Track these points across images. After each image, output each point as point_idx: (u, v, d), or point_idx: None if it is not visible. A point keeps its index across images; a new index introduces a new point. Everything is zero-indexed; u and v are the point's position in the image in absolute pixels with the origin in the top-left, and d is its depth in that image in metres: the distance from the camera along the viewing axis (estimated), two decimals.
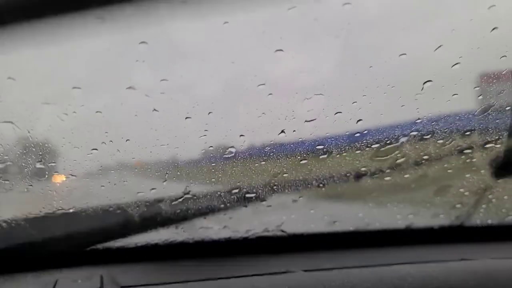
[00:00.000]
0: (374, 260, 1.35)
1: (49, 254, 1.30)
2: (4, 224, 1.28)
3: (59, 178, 1.38)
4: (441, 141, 1.58)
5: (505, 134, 1.54)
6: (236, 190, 1.53)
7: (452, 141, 1.58)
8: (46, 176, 1.35)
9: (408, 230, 1.58)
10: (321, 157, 1.56)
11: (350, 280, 1.19)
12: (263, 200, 1.52)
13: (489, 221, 1.62)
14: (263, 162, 1.55)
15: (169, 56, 1.33)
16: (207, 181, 1.52)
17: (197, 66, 1.35)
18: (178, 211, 1.40)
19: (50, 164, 1.34)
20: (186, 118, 1.35)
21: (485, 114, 1.50)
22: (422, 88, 1.44)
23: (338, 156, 1.57)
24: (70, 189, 1.39)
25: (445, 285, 1.18)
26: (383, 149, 1.56)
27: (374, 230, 1.55)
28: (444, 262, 1.33)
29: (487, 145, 1.57)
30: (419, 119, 1.51)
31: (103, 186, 1.41)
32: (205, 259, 1.37)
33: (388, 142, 1.55)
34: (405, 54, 1.36)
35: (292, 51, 1.35)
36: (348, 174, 1.60)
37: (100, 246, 1.33)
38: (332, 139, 1.54)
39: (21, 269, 1.24)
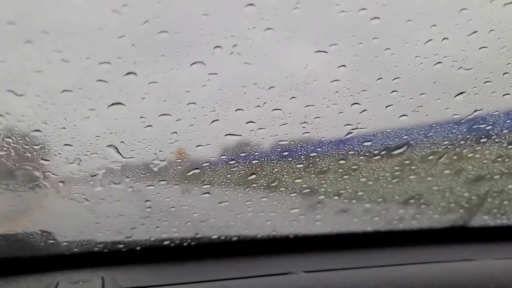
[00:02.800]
0: (375, 261, 1.34)
1: (50, 256, 1.31)
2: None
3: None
4: (445, 143, 1.59)
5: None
6: (238, 192, 1.53)
7: (457, 144, 1.59)
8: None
9: (410, 230, 1.57)
10: (321, 160, 1.56)
11: (351, 281, 1.18)
12: (264, 201, 1.53)
13: (491, 222, 1.62)
14: (265, 164, 1.56)
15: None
16: (209, 183, 1.52)
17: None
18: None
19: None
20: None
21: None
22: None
23: (340, 158, 1.57)
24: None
25: (447, 285, 1.18)
26: (386, 151, 1.56)
27: (375, 231, 1.55)
28: (446, 263, 1.33)
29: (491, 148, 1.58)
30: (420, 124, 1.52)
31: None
32: (205, 260, 1.37)
33: (391, 144, 1.55)
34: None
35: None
36: (350, 176, 1.60)
37: (101, 248, 1.33)
38: (333, 142, 1.54)
39: (22, 271, 1.24)
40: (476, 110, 1.49)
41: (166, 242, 1.37)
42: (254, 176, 1.53)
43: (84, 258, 1.32)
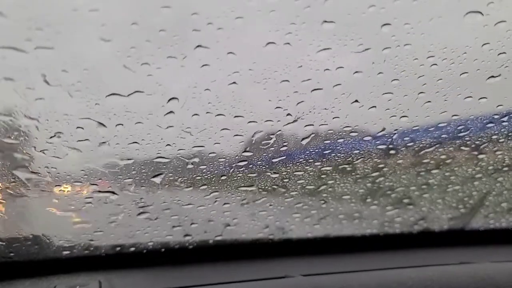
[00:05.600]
0: (373, 264, 1.34)
1: (47, 260, 1.30)
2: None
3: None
4: (444, 146, 1.59)
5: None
6: (236, 195, 1.52)
7: (455, 146, 1.59)
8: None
9: (408, 233, 1.57)
10: (320, 163, 1.56)
11: (349, 284, 1.18)
12: (262, 204, 1.52)
13: (489, 225, 1.62)
14: (265, 167, 1.55)
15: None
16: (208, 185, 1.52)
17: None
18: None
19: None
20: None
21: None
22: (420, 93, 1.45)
23: (339, 161, 1.57)
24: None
25: None
26: (385, 153, 1.56)
27: (373, 234, 1.55)
28: (444, 266, 1.33)
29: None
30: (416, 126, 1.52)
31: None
32: (203, 264, 1.36)
33: (391, 146, 1.55)
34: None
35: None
36: (349, 178, 1.60)
37: (98, 252, 1.32)
38: (333, 145, 1.54)
39: (19, 275, 1.24)
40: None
41: (164, 246, 1.37)
42: (253, 179, 1.53)
43: (82, 262, 1.32)
